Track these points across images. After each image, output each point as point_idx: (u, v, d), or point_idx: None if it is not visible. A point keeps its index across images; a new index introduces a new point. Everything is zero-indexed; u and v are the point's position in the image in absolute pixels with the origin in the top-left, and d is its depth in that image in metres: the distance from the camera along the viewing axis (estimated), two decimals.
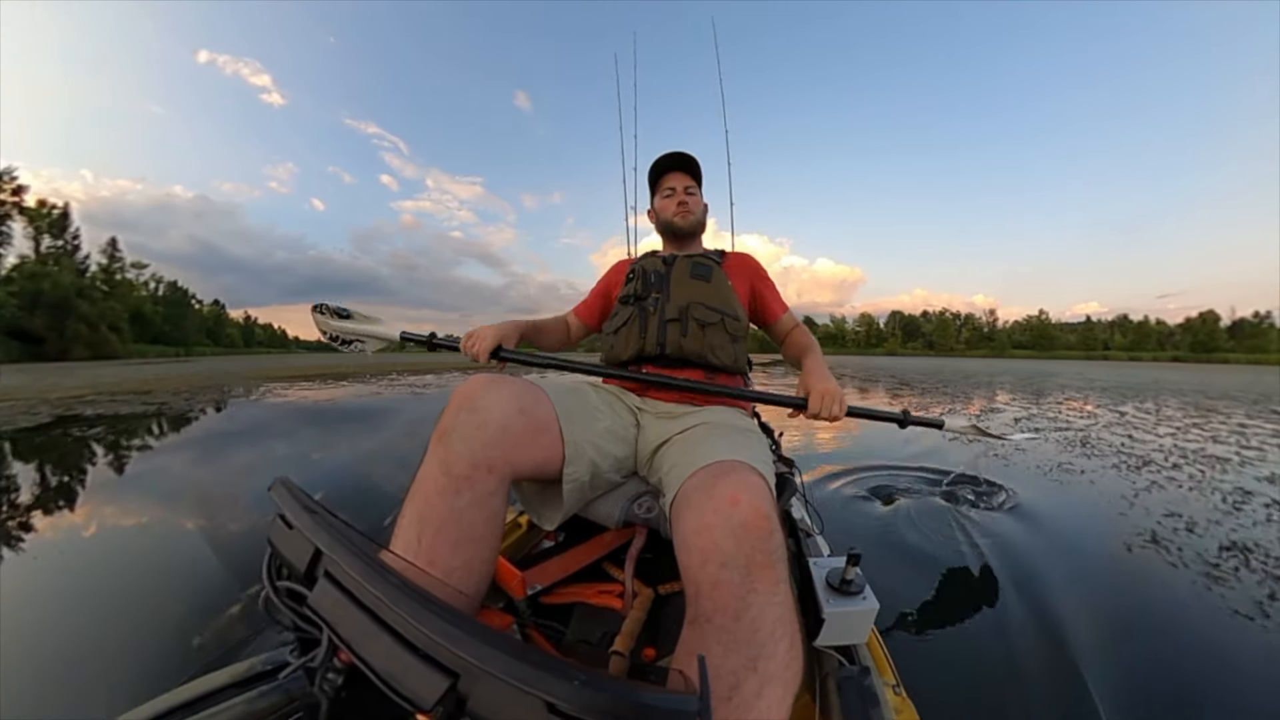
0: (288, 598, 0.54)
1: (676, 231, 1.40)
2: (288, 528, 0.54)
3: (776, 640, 0.60)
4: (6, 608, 1.51)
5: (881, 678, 0.87)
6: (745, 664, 0.58)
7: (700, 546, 0.66)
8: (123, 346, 51.71)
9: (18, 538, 2.11)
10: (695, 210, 1.40)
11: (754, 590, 0.62)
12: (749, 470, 0.75)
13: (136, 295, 68.47)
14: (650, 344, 1.18)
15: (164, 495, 2.82)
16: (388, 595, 0.44)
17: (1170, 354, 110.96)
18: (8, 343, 39.36)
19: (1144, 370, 29.16)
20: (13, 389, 9.91)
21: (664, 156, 1.42)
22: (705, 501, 0.70)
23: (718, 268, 1.30)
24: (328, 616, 0.48)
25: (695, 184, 1.42)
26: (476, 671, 0.39)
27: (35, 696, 1.17)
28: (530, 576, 1.01)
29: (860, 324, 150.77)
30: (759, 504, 0.68)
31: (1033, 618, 1.58)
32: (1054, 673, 1.32)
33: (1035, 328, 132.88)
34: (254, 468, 3.45)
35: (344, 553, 0.49)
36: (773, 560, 0.65)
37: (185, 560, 1.90)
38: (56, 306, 43.28)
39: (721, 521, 0.66)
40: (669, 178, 1.41)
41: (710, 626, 0.61)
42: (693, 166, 1.41)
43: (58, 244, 51.81)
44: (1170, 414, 6.81)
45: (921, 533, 2.27)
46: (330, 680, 0.50)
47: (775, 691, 0.58)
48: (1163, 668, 1.37)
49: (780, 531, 0.68)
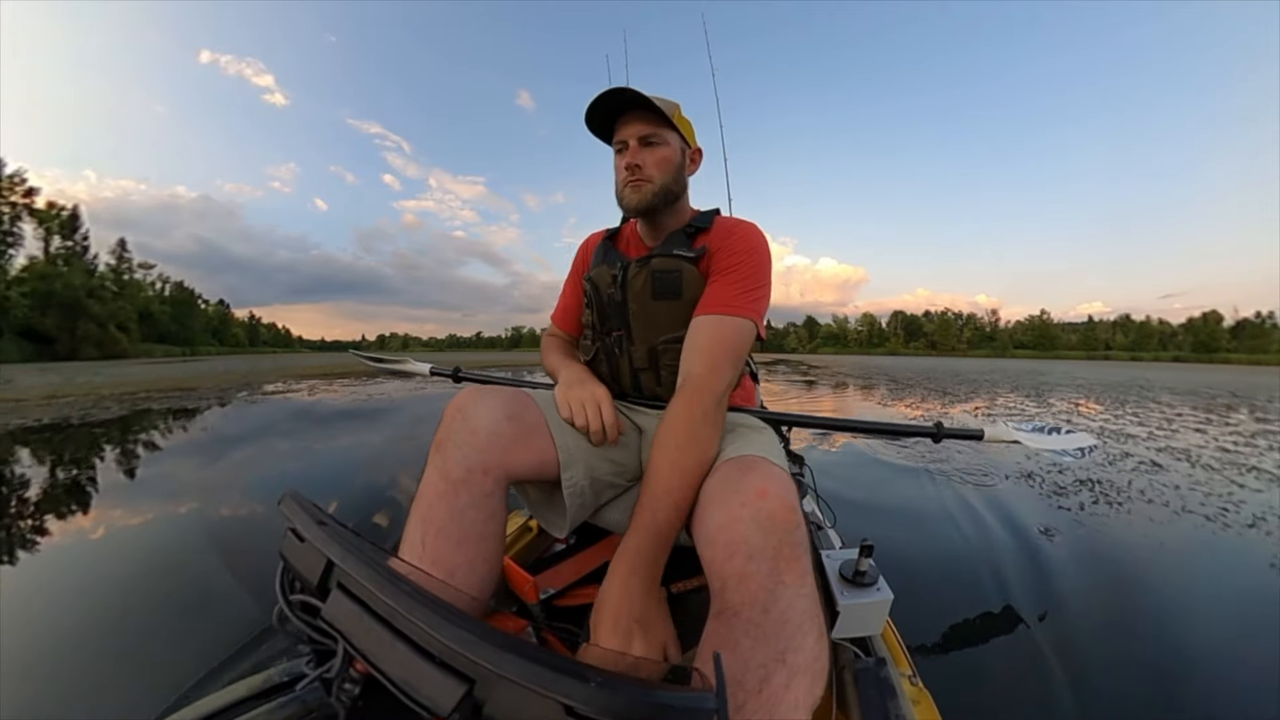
0: (302, 610, 0.54)
1: (629, 213, 1.03)
2: (299, 541, 0.54)
3: (805, 632, 0.60)
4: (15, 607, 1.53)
5: (898, 668, 0.87)
6: (774, 656, 0.57)
7: (726, 540, 0.65)
8: (131, 346, 52.69)
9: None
10: (654, 173, 0.97)
11: (782, 582, 0.61)
12: (772, 465, 0.75)
13: (144, 295, 69.95)
14: (627, 386, 1.08)
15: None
16: (401, 603, 0.44)
17: (1172, 354, 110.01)
18: (20, 342, 40.13)
19: (1132, 369, 29.87)
20: (63, 386, 10.38)
21: (597, 97, 0.95)
22: (731, 495, 0.69)
23: (690, 268, 0.96)
24: (342, 627, 0.48)
25: (661, 129, 0.97)
26: (492, 676, 0.39)
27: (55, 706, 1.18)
28: (542, 580, 1.01)
29: (862, 324, 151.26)
30: (787, 496, 0.68)
31: (1046, 606, 1.57)
32: (1069, 661, 1.31)
33: (1037, 328, 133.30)
34: (300, 461, 3.54)
35: (356, 563, 0.49)
36: (799, 552, 0.65)
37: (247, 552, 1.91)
38: (68, 307, 44.22)
39: (750, 514, 0.66)
40: (621, 128, 0.98)
41: (738, 620, 0.60)
42: (648, 105, 0.94)
43: (67, 245, 52.60)
44: (1121, 405, 7.81)
45: (933, 522, 2.26)
46: (347, 690, 0.50)
47: (804, 683, 0.57)
48: (1167, 659, 1.36)
49: (805, 525, 0.68)
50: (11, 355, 37.55)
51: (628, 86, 0.94)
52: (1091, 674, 1.26)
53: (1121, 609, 1.57)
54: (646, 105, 0.94)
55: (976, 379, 14.82)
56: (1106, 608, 1.57)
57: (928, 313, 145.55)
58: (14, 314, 40.48)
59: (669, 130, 0.98)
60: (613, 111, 0.98)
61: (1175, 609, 1.58)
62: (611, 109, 0.98)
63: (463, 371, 1.52)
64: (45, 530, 2.29)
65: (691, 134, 1.05)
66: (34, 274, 44.57)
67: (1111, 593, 1.67)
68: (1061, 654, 1.33)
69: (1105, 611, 1.55)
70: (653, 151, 0.97)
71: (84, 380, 12.04)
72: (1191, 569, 1.88)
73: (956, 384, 12.25)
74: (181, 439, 4.56)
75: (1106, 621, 1.49)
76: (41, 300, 42.52)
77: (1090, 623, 1.48)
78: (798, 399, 8.50)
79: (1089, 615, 1.52)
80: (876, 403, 8.01)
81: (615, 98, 0.95)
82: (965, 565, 1.84)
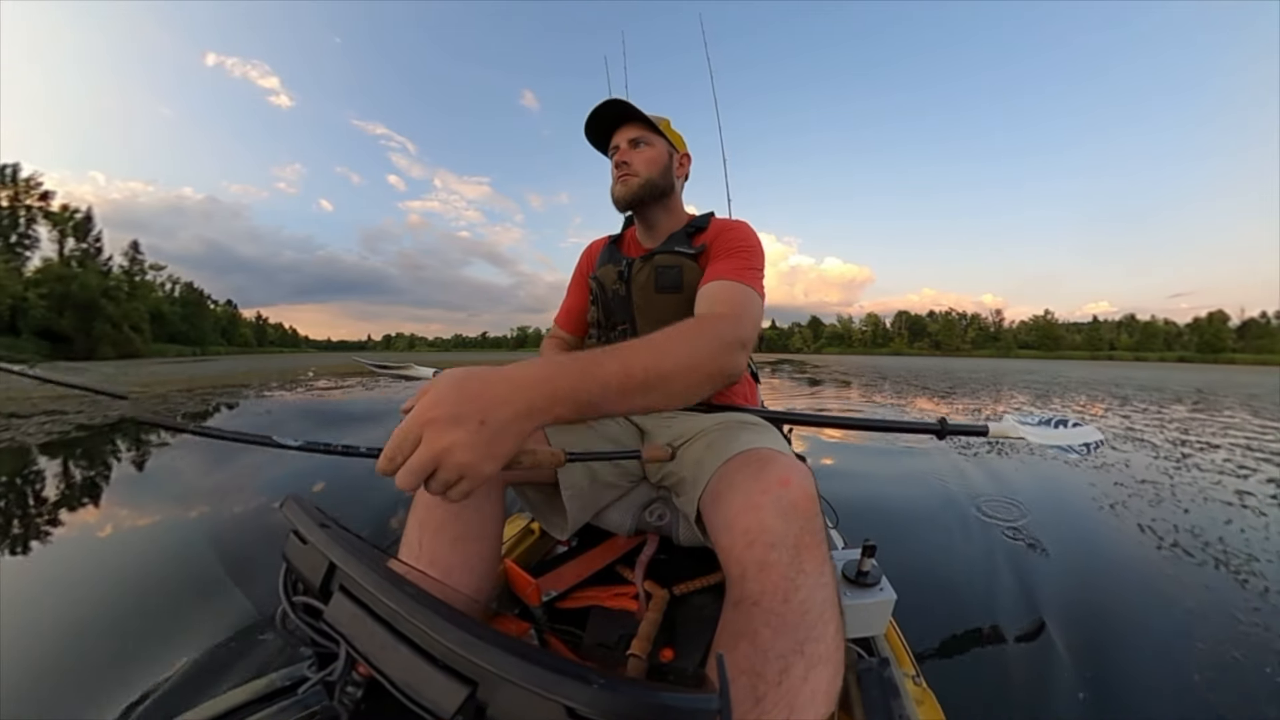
0: (304, 613, 0.54)
1: (619, 206, 1.12)
2: (301, 543, 0.54)
3: (825, 622, 0.59)
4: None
5: (901, 668, 0.87)
6: (794, 647, 0.57)
7: (746, 527, 0.64)
8: (144, 346, 53.85)
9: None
10: (641, 169, 1.06)
11: (803, 571, 0.61)
12: (790, 458, 0.74)
13: (154, 296, 71.55)
14: None
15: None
16: (403, 606, 0.44)
17: (1177, 355, 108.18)
18: (38, 342, 41.32)
19: (1125, 370, 30.94)
20: (117, 377, 11.37)
21: (595, 109, 1.06)
22: (752, 483, 0.68)
23: (690, 263, 1.02)
24: (345, 630, 0.48)
25: (649, 133, 1.07)
26: (494, 679, 0.39)
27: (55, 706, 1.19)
28: (545, 583, 1.01)
29: (866, 324, 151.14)
30: (808, 486, 0.68)
31: (1049, 605, 1.56)
32: (1072, 661, 1.31)
33: (1040, 328, 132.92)
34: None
35: (358, 566, 0.49)
36: (819, 539, 0.65)
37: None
38: (84, 307, 45.32)
39: (771, 501, 0.65)
40: (614, 136, 1.10)
41: (758, 609, 0.59)
42: (632, 112, 1.06)
43: (81, 246, 53.85)
44: (1091, 401, 8.64)
45: (936, 522, 2.26)
46: (350, 693, 0.50)
47: (823, 674, 0.57)
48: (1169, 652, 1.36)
49: (823, 516, 0.68)
50: (31, 354, 38.17)
51: (621, 99, 1.04)
52: (1095, 673, 1.26)
53: (1123, 608, 1.56)
54: (636, 115, 1.05)
55: (963, 377, 16.02)
56: (1108, 607, 1.56)
57: (932, 313, 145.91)
58: (32, 314, 41.69)
59: (656, 135, 1.08)
60: (609, 124, 1.09)
61: (1176, 608, 1.57)
62: (608, 122, 1.08)
63: None
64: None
65: (682, 143, 1.15)
66: (50, 275, 45.60)
67: (1113, 592, 1.66)
68: (1065, 653, 1.33)
69: (1108, 611, 1.54)
70: (640, 152, 1.06)
71: (132, 378, 12.73)
72: (1192, 568, 1.88)
73: (938, 380, 13.31)
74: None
75: (1110, 621, 1.49)
76: (58, 301, 43.59)
77: (1093, 622, 1.47)
78: (797, 397, 8.52)
79: (1091, 615, 1.52)
80: (872, 400, 8.04)
81: (610, 111, 1.06)
82: (969, 565, 1.84)
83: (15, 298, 41.50)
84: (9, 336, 40.35)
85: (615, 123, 1.08)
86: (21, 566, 1.96)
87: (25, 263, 47.55)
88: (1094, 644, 1.37)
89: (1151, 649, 1.36)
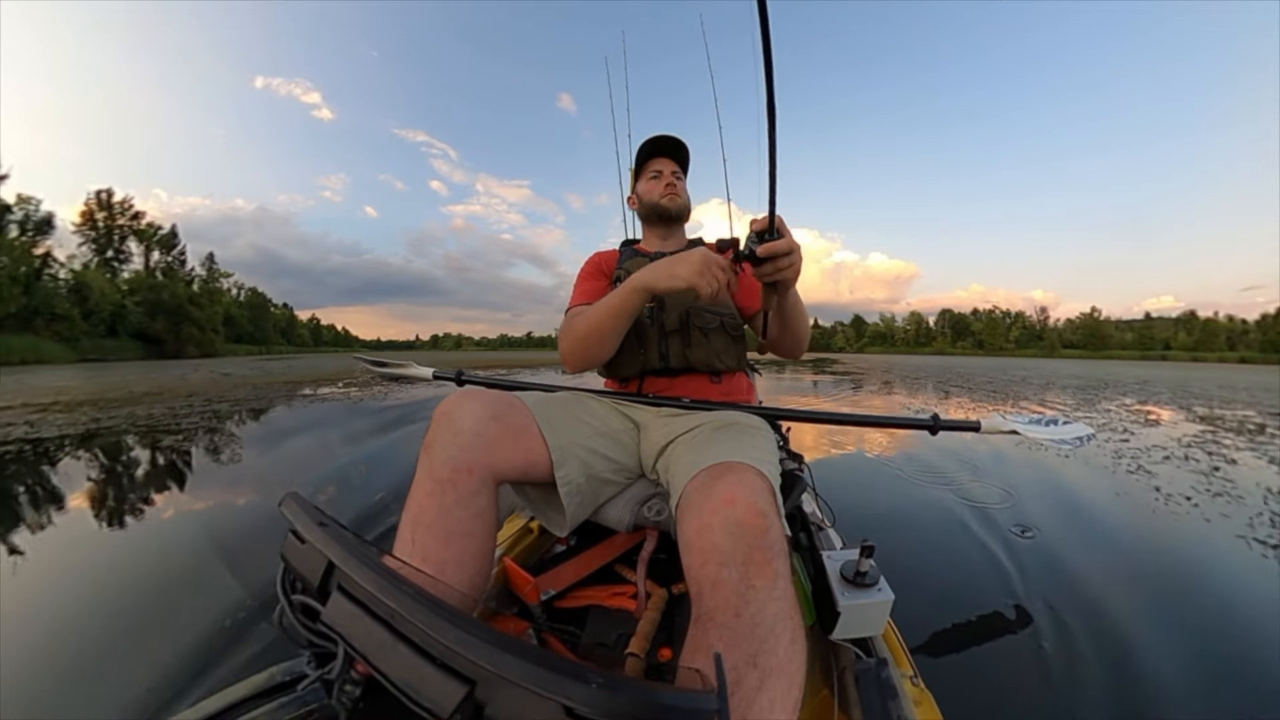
0: (303, 612, 0.54)
1: (663, 214, 1.35)
2: (300, 542, 0.55)
3: (777, 635, 0.61)
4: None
5: (899, 669, 0.87)
6: (745, 660, 0.58)
7: (700, 547, 0.67)
8: (221, 346, 61.08)
9: None
10: (683, 194, 1.37)
11: (752, 587, 0.63)
12: (746, 469, 0.76)
13: (226, 300, 78.56)
14: (652, 358, 1.18)
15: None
16: (401, 605, 0.45)
17: (1239, 355, 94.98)
18: (134, 344, 48.45)
19: (1149, 369, 27.67)
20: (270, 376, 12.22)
21: (654, 138, 1.38)
22: (704, 503, 0.71)
23: None
24: (343, 629, 0.48)
25: (682, 171, 1.39)
26: (493, 678, 0.39)
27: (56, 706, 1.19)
28: (543, 582, 1.01)
29: (909, 323, 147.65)
30: (755, 502, 0.69)
31: (1049, 605, 1.57)
32: (1072, 661, 1.31)
33: (1087, 326, 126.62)
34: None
35: (356, 565, 0.49)
36: (770, 557, 0.65)
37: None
38: (173, 312, 53.05)
39: (719, 521, 0.67)
40: (656, 161, 1.38)
41: (713, 625, 0.62)
42: (682, 153, 1.38)
43: (166, 259, 62.16)
44: (1083, 403, 8.05)
45: (934, 522, 2.26)
46: (348, 692, 0.50)
47: (778, 686, 0.58)
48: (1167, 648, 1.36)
49: (779, 527, 0.69)
50: (130, 355, 45.18)
51: (683, 141, 1.37)
52: (1095, 673, 1.26)
53: (1124, 607, 1.57)
54: (685, 160, 1.40)
55: (978, 375, 15.68)
56: (1109, 606, 1.56)
57: (976, 311, 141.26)
58: (129, 319, 49.58)
59: (684, 174, 1.40)
60: (662, 149, 1.37)
61: (1176, 609, 1.58)
62: (662, 148, 1.37)
63: (465, 375, 1.54)
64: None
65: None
66: (142, 284, 53.43)
67: (1113, 592, 1.66)
68: (1065, 654, 1.33)
69: (1108, 610, 1.54)
70: (681, 183, 1.39)
71: (271, 375, 13.60)
72: (1191, 569, 1.88)
73: (952, 385, 12.84)
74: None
75: (1110, 620, 1.49)
76: (151, 308, 51.72)
77: (1094, 622, 1.48)
78: (795, 398, 8.51)
79: (1092, 614, 1.52)
80: (872, 396, 8.03)
81: (671, 142, 1.37)
82: (967, 565, 1.84)
83: (115, 305, 48.06)
84: (111, 339, 46.60)
85: (668, 151, 1.37)
86: (20, 563, 1.96)
87: (119, 275, 55.13)
88: (1094, 644, 1.37)
89: (1151, 649, 1.36)
